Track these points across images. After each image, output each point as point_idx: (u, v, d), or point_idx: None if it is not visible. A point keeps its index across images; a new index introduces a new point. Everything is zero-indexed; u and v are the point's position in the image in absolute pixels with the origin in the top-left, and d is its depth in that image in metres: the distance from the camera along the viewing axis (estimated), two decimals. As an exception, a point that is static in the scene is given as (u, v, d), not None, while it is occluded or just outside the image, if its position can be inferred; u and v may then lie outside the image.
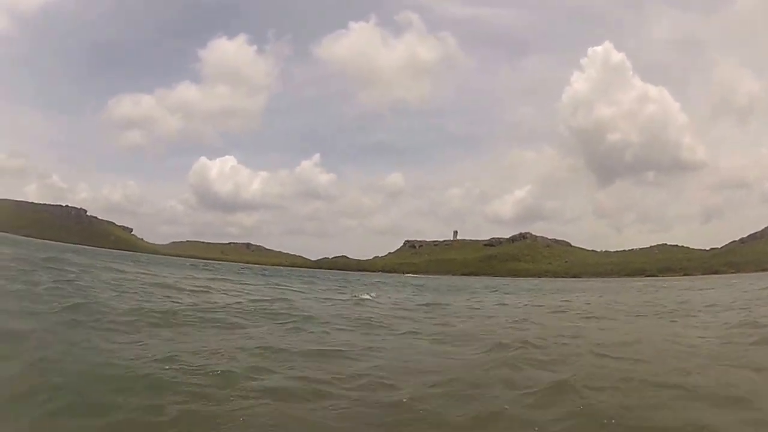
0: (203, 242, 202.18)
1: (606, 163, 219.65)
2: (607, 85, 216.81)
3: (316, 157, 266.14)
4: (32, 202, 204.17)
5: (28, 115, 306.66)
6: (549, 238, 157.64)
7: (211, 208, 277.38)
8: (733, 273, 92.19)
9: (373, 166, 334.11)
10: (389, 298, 21.46)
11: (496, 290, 34.51)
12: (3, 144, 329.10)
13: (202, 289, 16.62)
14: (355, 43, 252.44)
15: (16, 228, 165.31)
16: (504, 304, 19.73)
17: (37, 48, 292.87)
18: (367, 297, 19.94)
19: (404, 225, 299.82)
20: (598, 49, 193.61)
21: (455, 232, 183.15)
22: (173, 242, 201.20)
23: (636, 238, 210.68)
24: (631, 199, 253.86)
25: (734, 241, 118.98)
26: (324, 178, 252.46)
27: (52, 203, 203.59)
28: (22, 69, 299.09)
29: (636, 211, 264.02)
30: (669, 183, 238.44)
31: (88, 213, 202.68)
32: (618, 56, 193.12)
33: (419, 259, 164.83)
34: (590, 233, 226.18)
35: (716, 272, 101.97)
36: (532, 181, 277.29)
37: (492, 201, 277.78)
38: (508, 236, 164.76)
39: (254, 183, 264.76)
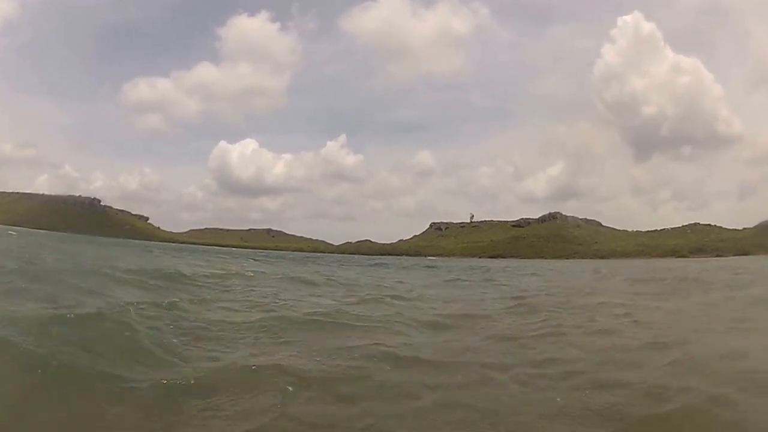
0: (222, 229, 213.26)
1: (641, 137, 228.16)
2: (638, 56, 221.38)
3: (342, 137, 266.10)
4: (43, 194, 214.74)
5: (37, 104, 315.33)
6: (579, 218, 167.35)
7: (233, 193, 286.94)
8: (764, 254, 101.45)
9: (401, 145, 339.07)
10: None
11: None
12: (11, 134, 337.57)
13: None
14: (383, 14, 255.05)
15: (26, 220, 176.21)
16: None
17: (43, 33, 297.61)
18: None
19: (433, 206, 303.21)
20: (628, 18, 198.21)
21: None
22: (192, 230, 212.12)
23: (672, 216, 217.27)
24: (668, 175, 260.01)
25: (766, 221, 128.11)
26: (350, 160, 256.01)
27: (64, 194, 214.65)
28: (29, 56, 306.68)
29: (672, 188, 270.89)
30: (705, 158, 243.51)
31: (102, 203, 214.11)
32: (648, 26, 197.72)
33: (445, 241, 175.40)
34: (625, 211, 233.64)
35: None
36: (565, 157, 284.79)
37: (524, 179, 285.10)
38: (537, 216, 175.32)
39: (277, 166, 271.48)
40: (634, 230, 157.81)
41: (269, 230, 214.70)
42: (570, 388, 5.36)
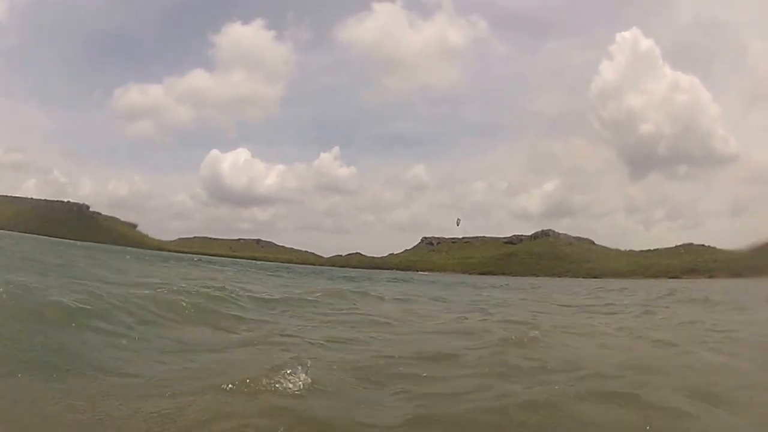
0: (211, 238, 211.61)
1: (638, 155, 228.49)
2: (636, 73, 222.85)
3: (336, 149, 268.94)
4: (31, 198, 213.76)
5: (26, 109, 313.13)
6: (572, 235, 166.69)
7: (223, 202, 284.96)
8: (758, 277, 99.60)
9: (395, 158, 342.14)
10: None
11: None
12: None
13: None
14: (379, 25, 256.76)
15: (13, 223, 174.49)
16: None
17: (34, 38, 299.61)
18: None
19: (425, 220, 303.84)
20: (626, 35, 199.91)
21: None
22: (180, 238, 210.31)
23: (666, 235, 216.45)
24: (664, 194, 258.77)
25: (760, 242, 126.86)
26: (343, 172, 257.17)
27: (52, 199, 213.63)
28: (18, 60, 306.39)
29: (667, 207, 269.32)
30: (702, 177, 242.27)
31: (90, 209, 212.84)
32: (646, 43, 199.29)
33: (436, 256, 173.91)
34: (619, 230, 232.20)
35: (739, 275, 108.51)
36: (560, 174, 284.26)
37: (518, 195, 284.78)
38: (530, 233, 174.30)
39: (269, 177, 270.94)
40: (627, 249, 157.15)
41: (258, 240, 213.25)
42: None
